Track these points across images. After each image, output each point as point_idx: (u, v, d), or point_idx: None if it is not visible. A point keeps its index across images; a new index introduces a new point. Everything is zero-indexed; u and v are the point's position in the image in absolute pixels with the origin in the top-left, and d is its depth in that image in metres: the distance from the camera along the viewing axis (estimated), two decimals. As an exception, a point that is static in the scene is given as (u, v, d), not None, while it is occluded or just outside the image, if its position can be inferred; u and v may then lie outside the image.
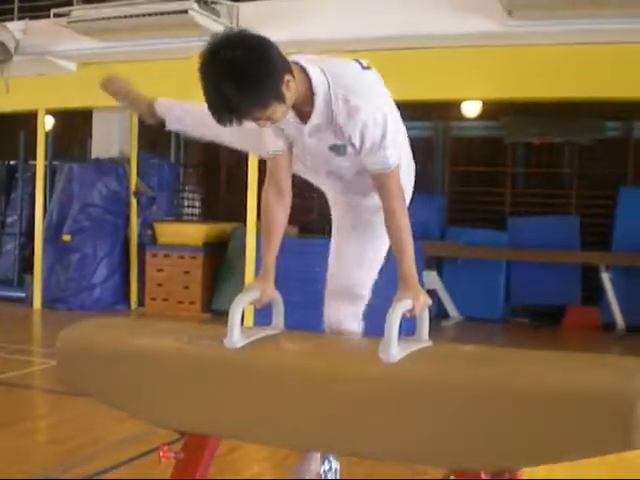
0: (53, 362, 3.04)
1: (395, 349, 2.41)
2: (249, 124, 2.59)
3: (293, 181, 2.89)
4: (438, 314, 9.72)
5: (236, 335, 2.58)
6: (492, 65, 7.79)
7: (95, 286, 10.22)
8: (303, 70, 2.61)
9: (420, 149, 11.32)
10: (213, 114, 2.49)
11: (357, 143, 2.66)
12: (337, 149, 2.72)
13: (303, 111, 2.66)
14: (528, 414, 2.19)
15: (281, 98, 2.50)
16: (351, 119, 2.61)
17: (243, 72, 2.41)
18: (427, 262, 9.51)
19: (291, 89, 2.52)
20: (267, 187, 2.85)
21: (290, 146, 2.80)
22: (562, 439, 2.18)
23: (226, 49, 2.42)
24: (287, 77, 2.50)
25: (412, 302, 2.58)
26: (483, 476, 2.33)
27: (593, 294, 9.79)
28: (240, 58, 2.41)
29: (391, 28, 7.53)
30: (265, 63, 2.44)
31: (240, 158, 8.98)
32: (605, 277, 9.39)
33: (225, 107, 2.45)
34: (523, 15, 7.11)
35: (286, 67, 2.52)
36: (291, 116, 2.66)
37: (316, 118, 2.65)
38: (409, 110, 2.73)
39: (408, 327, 2.66)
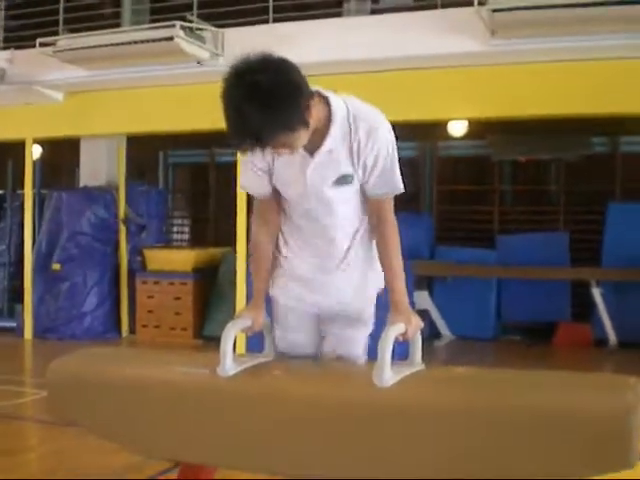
0: (44, 393, 3.03)
1: (388, 374, 2.40)
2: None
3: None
4: (430, 334, 9.70)
5: (228, 363, 2.58)
6: (477, 84, 7.82)
7: (85, 315, 10.17)
8: (322, 97, 2.61)
9: (408, 169, 11.35)
10: (234, 139, 2.45)
11: (370, 165, 2.66)
12: (344, 179, 2.70)
13: (312, 141, 2.62)
14: (522, 436, 2.19)
15: (306, 123, 2.48)
16: (370, 139, 2.63)
17: (269, 95, 2.36)
18: (417, 282, 9.50)
19: (312, 115, 2.51)
20: (256, 223, 2.85)
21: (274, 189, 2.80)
22: (558, 460, 2.18)
23: (250, 73, 2.38)
24: (311, 102, 2.49)
25: (405, 326, 2.58)
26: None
27: (584, 310, 9.79)
28: (265, 81, 2.36)
29: (376, 51, 7.55)
30: (291, 86, 2.41)
31: (228, 182, 9.00)
32: (596, 293, 9.40)
33: (250, 132, 2.40)
34: (506, 34, 7.14)
35: (310, 91, 2.50)
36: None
37: (330, 144, 2.63)
38: (396, 131, 2.73)
39: (401, 350, 2.66)
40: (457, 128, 10.62)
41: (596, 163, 10.80)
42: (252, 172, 2.74)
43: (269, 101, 2.36)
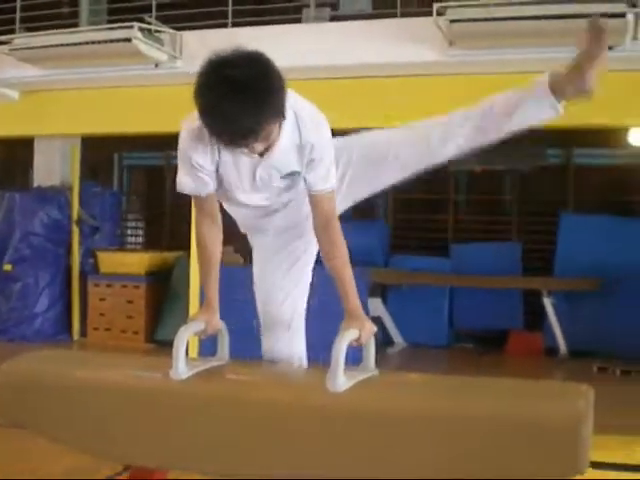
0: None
1: (341, 379, 2.41)
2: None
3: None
4: (383, 341, 9.73)
5: (181, 367, 2.56)
6: (435, 94, 7.86)
7: (37, 316, 10.06)
8: None
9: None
10: (211, 133, 2.45)
11: (316, 161, 2.67)
12: (293, 175, 2.73)
13: None
14: (473, 443, 2.21)
15: (283, 115, 2.50)
16: (317, 137, 2.66)
17: (247, 88, 2.36)
18: (371, 289, 9.53)
19: None
20: (200, 221, 2.83)
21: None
22: (510, 466, 2.20)
23: (226, 67, 2.38)
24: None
25: (358, 331, 2.59)
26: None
27: (536, 319, 9.88)
28: (243, 75, 2.36)
29: (335, 58, 7.57)
30: (268, 79, 2.42)
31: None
32: (547, 302, 9.48)
33: (229, 125, 2.39)
34: (464, 45, 7.20)
35: (285, 82, 2.50)
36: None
37: (283, 142, 2.63)
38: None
39: (355, 356, 2.67)
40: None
41: (549, 174, 10.92)
42: (195, 173, 2.72)
43: (246, 94, 2.36)
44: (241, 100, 2.35)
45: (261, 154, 2.64)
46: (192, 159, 2.68)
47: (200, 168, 2.69)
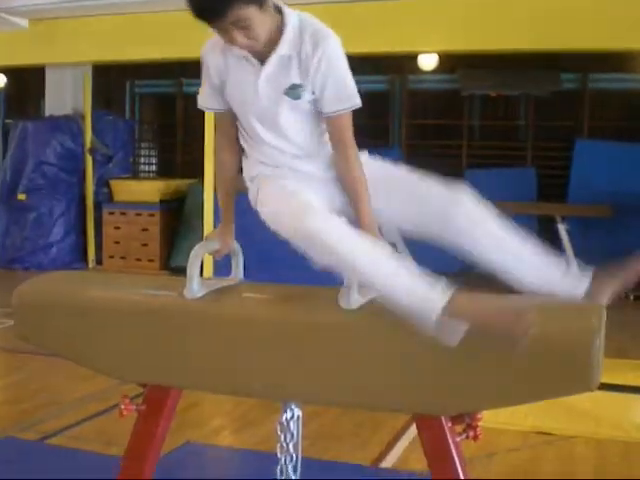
0: (11, 322, 3.02)
1: (355, 296, 2.42)
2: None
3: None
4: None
5: (195, 285, 2.57)
6: (447, 17, 7.77)
7: (52, 245, 10.14)
8: (275, 7, 2.52)
9: (377, 102, 11.33)
10: (194, 13, 2.39)
11: (321, 75, 2.55)
12: (295, 91, 2.59)
13: (263, 51, 2.54)
14: (487, 357, 2.22)
15: (263, 4, 2.42)
16: (319, 50, 2.52)
17: None
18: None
19: (266, 21, 2.45)
20: (219, 143, 2.79)
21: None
22: (522, 381, 2.21)
23: None
24: None
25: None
26: (444, 421, 2.37)
27: (551, 245, 9.84)
28: None
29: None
30: None
31: (196, 114, 8.91)
32: (561, 228, 9.46)
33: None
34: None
35: None
36: (247, 56, 2.55)
37: (281, 50, 2.53)
38: (364, 63, 2.70)
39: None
40: (427, 62, 10.57)
41: (564, 99, 10.82)
42: (208, 86, 2.69)
43: None
44: None
45: (262, 62, 2.60)
46: (205, 65, 2.65)
47: (210, 81, 2.66)
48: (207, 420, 4.81)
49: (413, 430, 3.98)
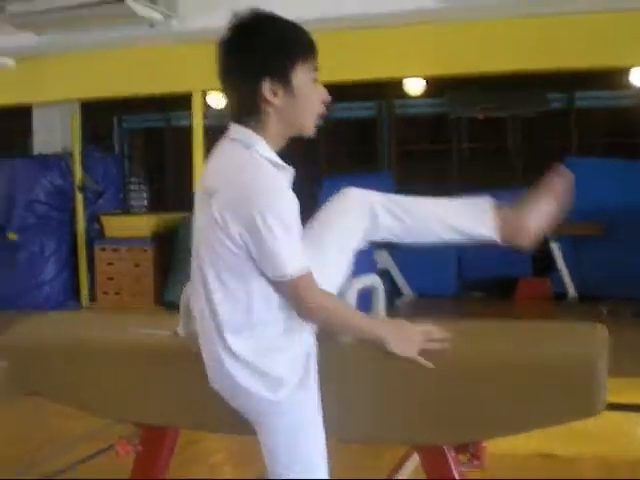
0: (3, 363, 2.97)
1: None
2: None
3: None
4: (391, 293, 9.72)
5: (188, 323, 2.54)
6: (431, 42, 7.80)
7: (44, 284, 10.08)
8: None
9: (365, 128, 11.35)
10: None
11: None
12: None
13: None
14: (491, 385, 2.19)
15: (254, 75, 2.29)
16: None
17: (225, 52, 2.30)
18: (377, 241, 9.48)
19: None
20: None
21: None
22: (524, 409, 2.19)
23: (229, 29, 2.32)
24: (268, 84, 2.26)
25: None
26: (446, 450, 2.34)
27: (544, 265, 9.85)
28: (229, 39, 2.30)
29: (329, 9, 7.49)
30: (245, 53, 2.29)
31: (185, 147, 8.91)
32: (554, 247, 9.46)
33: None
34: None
35: (271, 71, 2.28)
36: None
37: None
38: (353, 90, 2.69)
39: (365, 306, 2.65)
40: (414, 86, 10.60)
41: (552, 119, 10.86)
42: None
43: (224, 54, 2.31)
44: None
45: None
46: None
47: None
48: (206, 457, 4.76)
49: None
